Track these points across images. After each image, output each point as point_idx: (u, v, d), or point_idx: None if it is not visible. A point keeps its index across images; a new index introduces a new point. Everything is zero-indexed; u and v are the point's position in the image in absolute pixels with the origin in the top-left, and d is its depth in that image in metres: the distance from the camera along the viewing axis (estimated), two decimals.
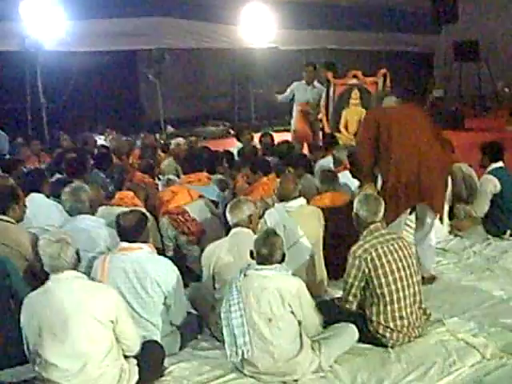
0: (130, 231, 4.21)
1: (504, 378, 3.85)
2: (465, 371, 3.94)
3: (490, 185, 6.31)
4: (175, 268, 4.30)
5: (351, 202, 5.33)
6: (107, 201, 5.67)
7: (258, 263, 3.94)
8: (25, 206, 5.02)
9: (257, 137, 9.55)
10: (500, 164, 6.48)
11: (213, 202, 6.18)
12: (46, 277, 3.68)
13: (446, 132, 8.93)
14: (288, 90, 10.10)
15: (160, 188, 6.63)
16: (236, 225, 4.57)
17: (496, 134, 12.20)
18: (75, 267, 3.72)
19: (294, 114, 10.07)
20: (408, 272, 4.27)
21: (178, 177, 6.96)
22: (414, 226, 5.31)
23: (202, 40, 16.12)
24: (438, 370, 3.97)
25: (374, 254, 4.21)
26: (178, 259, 5.65)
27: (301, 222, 5.01)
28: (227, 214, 4.64)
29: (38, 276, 4.30)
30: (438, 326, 4.54)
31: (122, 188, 6.22)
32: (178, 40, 15.62)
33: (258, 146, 8.59)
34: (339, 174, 6.45)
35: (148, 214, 4.82)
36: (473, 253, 6.07)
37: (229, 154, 7.93)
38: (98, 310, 3.56)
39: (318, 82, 10.00)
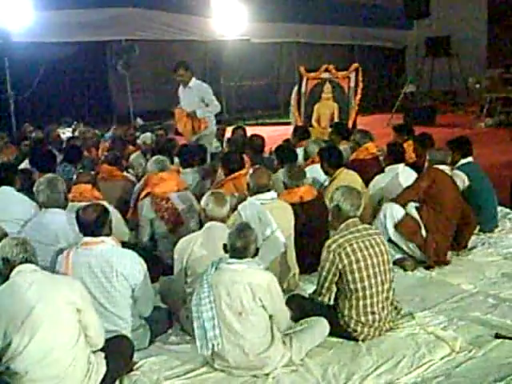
0: (91, 225, 4.15)
1: (473, 370, 3.88)
2: (434, 364, 3.97)
3: (458, 180, 6.31)
4: (141, 260, 4.25)
5: (318, 197, 5.39)
6: None
7: (232, 257, 3.91)
8: None
9: (228, 130, 9.51)
10: (469, 159, 6.49)
11: None
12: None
13: (417, 128, 9.02)
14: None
15: (150, 167, 6.29)
16: (216, 219, 4.53)
17: (467, 130, 12.33)
18: (37, 262, 3.70)
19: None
20: (382, 268, 4.27)
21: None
22: None
23: (172, 32, 15.96)
24: (408, 362, 4.00)
25: (348, 249, 4.19)
26: (149, 252, 5.63)
27: (274, 215, 4.99)
28: (214, 208, 4.54)
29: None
30: (408, 319, 4.57)
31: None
32: (148, 31, 15.47)
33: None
34: (308, 168, 6.47)
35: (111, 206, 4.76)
36: None
37: (200, 147, 7.88)
38: (62, 296, 3.51)
39: (198, 80, 8.77)
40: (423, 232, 5.59)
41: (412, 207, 5.69)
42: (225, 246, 3.95)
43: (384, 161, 6.64)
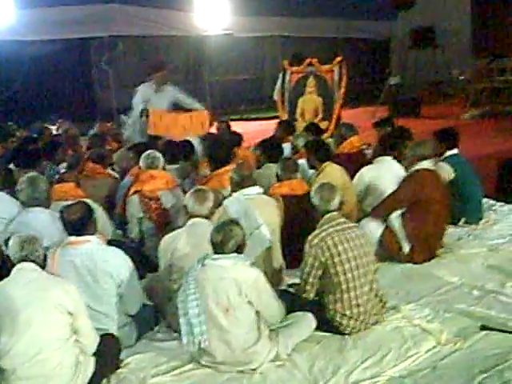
0: (75, 225, 4.14)
1: (458, 363, 3.90)
2: (420, 356, 4.00)
3: (444, 172, 6.33)
4: (127, 257, 4.26)
5: (308, 192, 5.37)
6: None
7: (214, 252, 3.90)
8: None
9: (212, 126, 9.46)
10: (455, 151, 6.51)
11: None
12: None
13: (402, 120, 9.03)
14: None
15: (141, 164, 6.23)
16: (199, 216, 4.52)
17: (451, 122, 12.34)
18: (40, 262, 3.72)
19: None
20: (364, 260, 4.29)
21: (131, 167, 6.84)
22: None
23: (155, 27, 15.86)
24: (394, 355, 4.02)
25: (330, 243, 4.21)
26: (136, 249, 5.62)
27: (259, 210, 4.97)
28: (194, 205, 4.53)
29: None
30: (393, 312, 4.59)
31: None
32: (130, 27, 15.35)
33: None
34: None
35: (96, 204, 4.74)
36: None
37: (188, 143, 7.83)
38: (54, 297, 3.53)
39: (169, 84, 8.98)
40: (406, 248, 5.53)
41: (396, 219, 5.57)
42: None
43: (374, 153, 6.62)
